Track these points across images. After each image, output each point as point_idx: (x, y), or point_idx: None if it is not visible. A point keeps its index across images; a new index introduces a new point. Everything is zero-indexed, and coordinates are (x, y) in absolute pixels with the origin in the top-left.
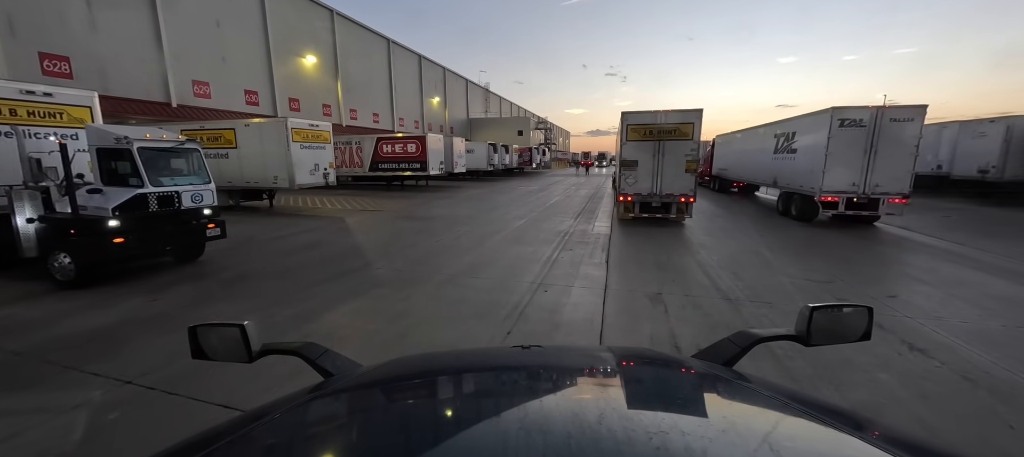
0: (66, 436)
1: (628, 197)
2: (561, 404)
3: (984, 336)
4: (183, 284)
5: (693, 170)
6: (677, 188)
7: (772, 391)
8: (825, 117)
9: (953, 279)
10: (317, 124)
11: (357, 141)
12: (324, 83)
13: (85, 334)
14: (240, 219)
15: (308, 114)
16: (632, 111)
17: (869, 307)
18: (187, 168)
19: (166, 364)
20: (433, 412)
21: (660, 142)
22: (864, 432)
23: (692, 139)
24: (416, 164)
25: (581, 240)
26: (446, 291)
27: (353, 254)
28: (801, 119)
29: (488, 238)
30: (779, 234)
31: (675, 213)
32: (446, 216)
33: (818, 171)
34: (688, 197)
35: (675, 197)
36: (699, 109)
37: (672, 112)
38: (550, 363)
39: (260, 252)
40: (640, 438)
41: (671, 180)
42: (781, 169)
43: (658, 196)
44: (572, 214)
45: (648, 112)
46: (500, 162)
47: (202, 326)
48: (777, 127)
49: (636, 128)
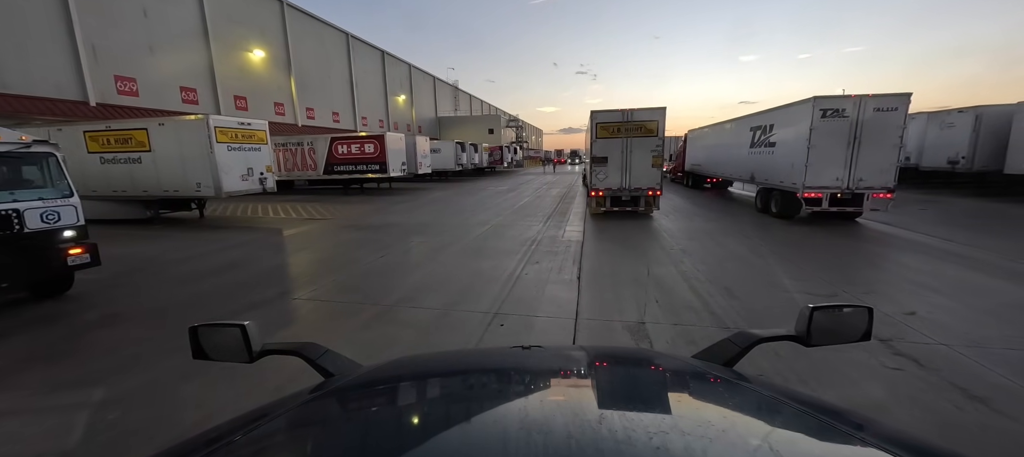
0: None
1: (599, 192)
2: (562, 404)
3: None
4: (18, 334)
5: (659, 165)
6: (645, 182)
7: (772, 391)
8: (806, 108)
9: (963, 285)
10: (248, 122)
11: (309, 142)
12: (275, 80)
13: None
14: (155, 234)
15: (259, 113)
16: (601, 110)
17: (869, 307)
18: (40, 179)
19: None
20: (434, 412)
21: (628, 139)
22: (864, 432)
23: (657, 135)
24: (375, 166)
25: (550, 249)
26: (372, 331)
27: (274, 278)
28: (779, 111)
29: (443, 251)
30: (764, 236)
31: (643, 206)
32: (400, 224)
33: (800, 166)
34: (655, 190)
35: (643, 191)
36: (663, 107)
37: (638, 110)
38: (550, 363)
39: (157, 279)
40: (640, 438)
41: (639, 175)
42: (759, 164)
43: (627, 190)
44: (541, 216)
45: (616, 111)
46: (469, 162)
47: (203, 326)
48: (753, 120)
49: (605, 126)
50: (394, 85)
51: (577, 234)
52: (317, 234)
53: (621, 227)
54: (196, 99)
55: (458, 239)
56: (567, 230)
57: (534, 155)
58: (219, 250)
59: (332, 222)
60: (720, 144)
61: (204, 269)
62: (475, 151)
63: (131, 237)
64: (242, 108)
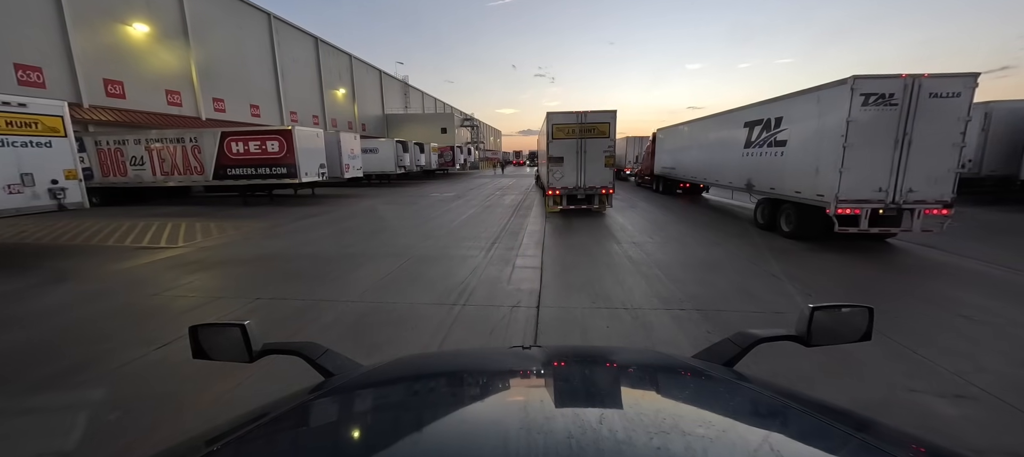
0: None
1: (556, 191)
2: (562, 404)
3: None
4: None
5: (611, 165)
6: (598, 181)
7: (772, 391)
8: (840, 93)
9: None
10: (23, 103)
11: (193, 138)
12: (167, 62)
13: None
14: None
15: (143, 102)
16: (556, 111)
17: (870, 307)
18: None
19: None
20: (434, 412)
21: (582, 140)
22: (864, 432)
23: (609, 137)
24: (281, 168)
25: (489, 301)
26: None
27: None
28: (792, 100)
29: (302, 324)
30: (786, 266)
31: (597, 204)
32: (278, 257)
33: (829, 171)
34: (608, 188)
35: (597, 189)
36: (613, 110)
37: (591, 112)
38: (551, 363)
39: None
40: (641, 438)
41: (593, 174)
42: (759, 168)
43: (583, 189)
44: (487, 239)
45: (571, 112)
46: (414, 163)
47: (203, 326)
48: (748, 113)
49: (561, 127)
50: (331, 77)
51: (532, 269)
52: (121, 281)
53: (592, 260)
54: (42, 81)
55: (342, 293)
56: (517, 264)
57: (492, 156)
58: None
59: (175, 258)
60: (703, 143)
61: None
62: (421, 151)
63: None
64: (116, 94)
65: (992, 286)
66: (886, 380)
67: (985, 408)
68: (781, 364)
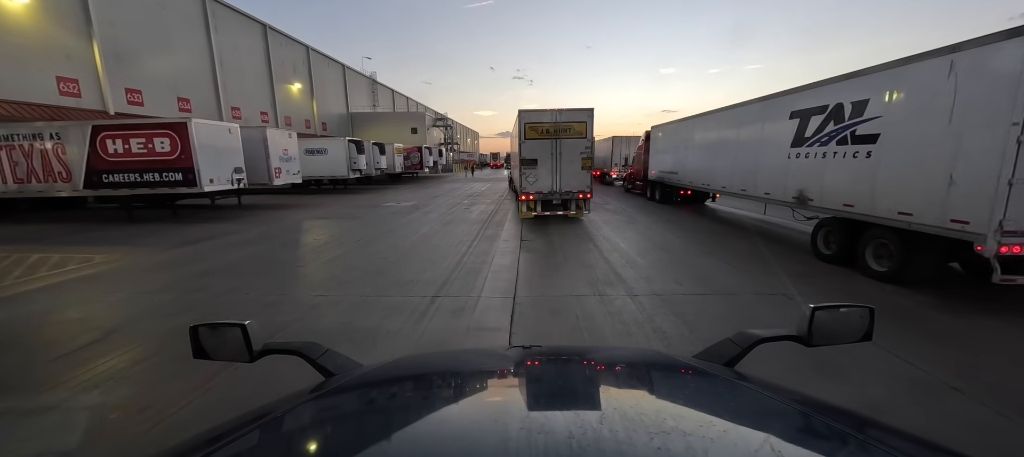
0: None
1: (530, 195)
2: (562, 404)
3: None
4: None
5: (589, 167)
6: (575, 185)
7: (773, 391)
8: (1009, 50)
9: None
10: None
11: (54, 134)
12: (58, 42)
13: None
14: None
15: (23, 91)
16: (529, 110)
17: (871, 307)
18: None
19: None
20: (434, 412)
21: (557, 140)
22: (865, 432)
23: (586, 137)
24: (173, 174)
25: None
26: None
27: None
28: (899, 70)
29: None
30: (949, 355)
31: (574, 209)
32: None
33: (975, 180)
34: (585, 193)
35: (574, 194)
36: (591, 108)
37: (566, 110)
38: (551, 363)
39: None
40: (641, 439)
41: (569, 177)
42: (821, 174)
43: (558, 193)
44: (433, 284)
45: (545, 110)
46: (373, 166)
47: (203, 326)
48: (800, 98)
49: (534, 126)
50: (284, 70)
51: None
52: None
53: (599, 342)
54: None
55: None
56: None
57: (467, 159)
58: None
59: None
60: (723, 141)
61: None
62: (381, 153)
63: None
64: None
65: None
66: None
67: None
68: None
